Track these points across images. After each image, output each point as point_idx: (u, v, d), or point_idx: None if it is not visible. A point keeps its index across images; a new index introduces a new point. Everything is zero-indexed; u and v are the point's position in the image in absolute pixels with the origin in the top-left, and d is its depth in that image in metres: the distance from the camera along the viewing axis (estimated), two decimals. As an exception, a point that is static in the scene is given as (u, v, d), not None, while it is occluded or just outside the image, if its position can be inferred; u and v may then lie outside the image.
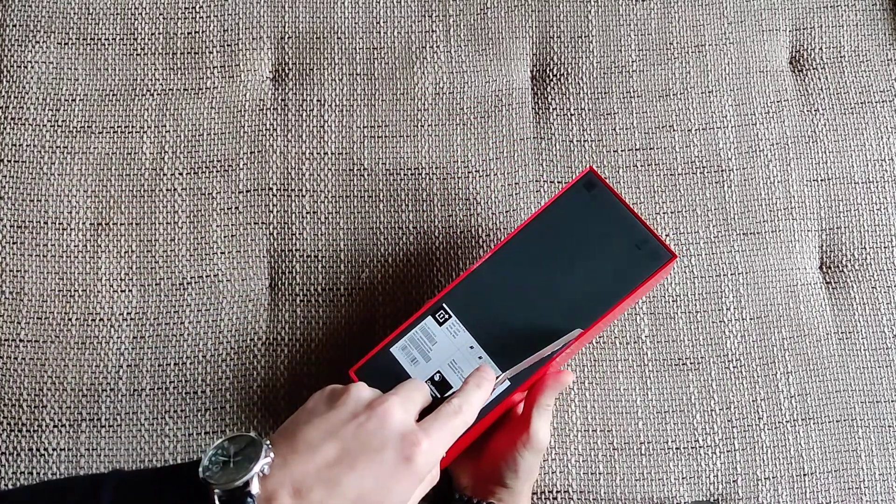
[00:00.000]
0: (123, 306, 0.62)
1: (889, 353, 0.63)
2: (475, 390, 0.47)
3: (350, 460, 0.40)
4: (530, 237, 0.55)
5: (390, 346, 0.54)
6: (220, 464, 0.39)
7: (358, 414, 0.42)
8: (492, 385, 0.48)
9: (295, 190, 0.65)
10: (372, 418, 0.41)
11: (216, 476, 0.38)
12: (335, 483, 0.39)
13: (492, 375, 0.49)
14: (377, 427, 0.41)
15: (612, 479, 0.60)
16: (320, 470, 0.39)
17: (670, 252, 0.53)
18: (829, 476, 0.61)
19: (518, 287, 0.54)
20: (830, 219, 0.66)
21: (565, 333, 0.52)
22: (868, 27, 0.71)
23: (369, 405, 0.42)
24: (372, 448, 0.40)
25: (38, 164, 0.65)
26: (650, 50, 0.69)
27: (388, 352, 0.53)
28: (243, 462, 0.39)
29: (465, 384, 0.47)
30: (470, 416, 0.45)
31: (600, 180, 0.55)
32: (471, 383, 0.47)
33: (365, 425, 0.41)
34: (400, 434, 0.41)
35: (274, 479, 0.39)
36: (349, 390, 0.43)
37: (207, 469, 0.39)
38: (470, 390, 0.46)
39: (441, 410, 0.44)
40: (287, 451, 0.40)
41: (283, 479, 0.39)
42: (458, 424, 0.44)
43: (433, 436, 0.42)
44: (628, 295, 0.53)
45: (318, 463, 0.39)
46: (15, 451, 0.59)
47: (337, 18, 0.69)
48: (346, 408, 0.42)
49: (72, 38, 0.68)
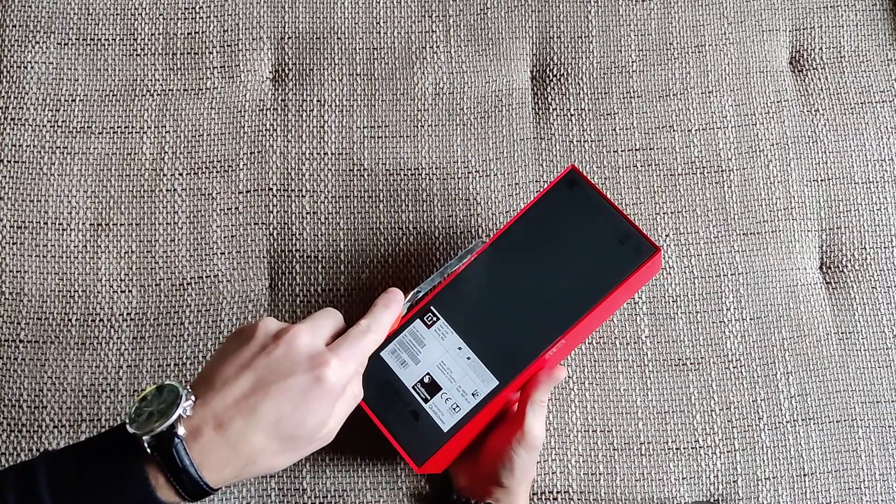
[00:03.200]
0: (123, 307, 0.62)
1: (889, 353, 0.63)
2: (383, 310, 0.50)
3: (264, 388, 0.42)
4: (515, 237, 0.56)
5: (380, 350, 0.54)
6: (146, 415, 0.41)
7: (267, 345, 0.44)
8: (400, 305, 0.51)
9: (295, 190, 0.65)
10: (280, 346, 0.44)
11: (143, 426, 0.40)
12: (253, 411, 0.42)
13: (400, 296, 0.51)
14: (285, 353, 0.44)
15: (612, 480, 0.60)
16: (238, 401, 0.42)
17: (654, 245, 0.53)
18: (829, 476, 0.61)
19: (504, 287, 0.54)
20: (830, 219, 0.66)
21: (554, 332, 0.52)
22: (868, 27, 0.71)
23: (276, 335, 0.45)
24: (282, 373, 0.43)
25: (38, 164, 0.65)
26: (650, 50, 0.69)
27: (378, 356, 0.54)
28: (165, 409, 0.41)
29: (374, 306, 0.50)
30: (380, 335, 0.49)
31: (582, 178, 0.56)
32: (379, 304, 0.50)
33: (273, 353, 0.44)
34: (308, 356, 0.44)
35: (196, 417, 0.41)
36: (257, 325, 0.46)
37: (133, 421, 0.41)
38: (378, 311, 0.50)
39: (350, 332, 0.47)
40: (205, 391, 0.42)
41: (205, 415, 0.41)
42: (368, 343, 0.47)
43: (342, 354, 0.45)
44: (614, 290, 0.53)
45: (235, 395, 0.42)
46: (15, 452, 0.59)
47: (337, 18, 0.69)
48: (256, 341, 0.44)
49: (72, 39, 0.68)
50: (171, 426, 0.40)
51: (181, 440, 0.40)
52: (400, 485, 0.59)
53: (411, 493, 0.59)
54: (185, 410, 0.41)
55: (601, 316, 0.56)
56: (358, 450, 0.59)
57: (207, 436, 0.41)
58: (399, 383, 0.53)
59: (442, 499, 0.58)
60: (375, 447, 0.58)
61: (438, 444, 0.51)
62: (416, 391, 0.53)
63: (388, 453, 0.58)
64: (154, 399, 0.42)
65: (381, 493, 0.59)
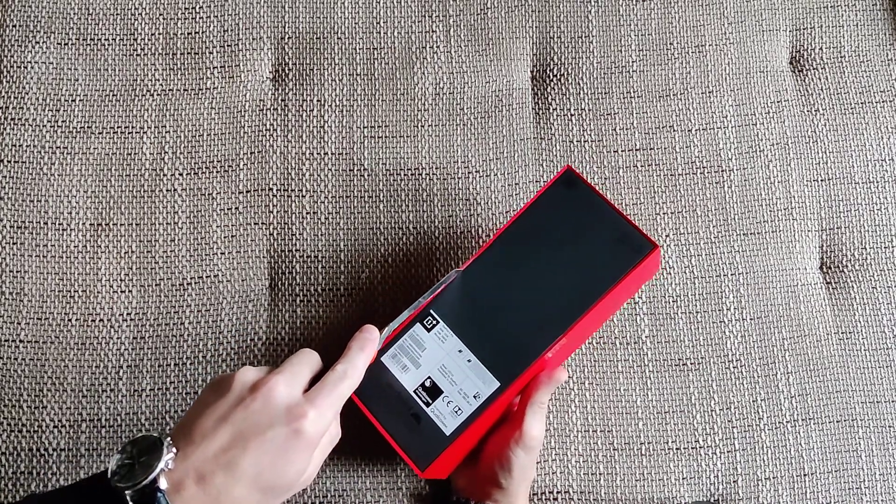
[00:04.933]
0: (123, 307, 0.62)
1: (889, 353, 0.63)
2: (359, 353, 0.49)
3: (243, 442, 0.42)
4: (513, 239, 0.56)
5: (380, 355, 0.54)
6: (127, 467, 0.41)
7: (244, 397, 0.44)
8: (375, 346, 0.51)
9: (295, 190, 0.65)
10: (257, 399, 0.44)
11: (125, 479, 0.41)
12: (233, 465, 0.42)
13: (375, 335, 0.51)
14: (262, 406, 0.43)
15: (612, 480, 0.60)
16: (217, 455, 0.42)
17: (652, 243, 0.53)
18: (829, 476, 0.61)
19: (504, 289, 0.54)
20: (830, 219, 0.66)
21: (554, 331, 0.52)
22: (868, 27, 0.71)
23: (253, 387, 0.44)
24: (260, 427, 0.43)
25: (38, 165, 0.65)
26: (650, 50, 0.69)
27: (379, 361, 0.54)
28: (148, 461, 0.41)
29: (349, 349, 0.49)
30: (356, 379, 0.48)
31: (578, 178, 0.56)
32: (354, 347, 0.49)
33: (250, 406, 0.43)
34: (285, 408, 0.44)
35: (178, 471, 0.41)
36: (234, 376, 0.45)
37: (115, 473, 0.41)
38: (354, 354, 0.49)
39: (326, 378, 0.47)
40: (185, 444, 0.42)
41: (186, 468, 0.41)
42: (345, 389, 0.47)
43: (320, 404, 0.45)
44: (613, 288, 0.53)
45: (215, 449, 0.42)
46: (15, 452, 0.59)
47: (337, 18, 0.69)
48: (233, 393, 0.44)
49: (72, 39, 0.68)
50: (153, 480, 0.40)
51: (163, 494, 0.40)
52: (400, 485, 0.59)
53: (411, 494, 0.59)
54: (167, 464, 0.41)
55: (601, 315, 0.56)
56: (358, 450, 0.59)
57: (190, 490, 0.41)
58: (400, 388, 0.53)
59: (442, 499, 0.58)
60: (375, 448, 0.58)
61: (441, 447, 0.51)
62: (417, 395, 0.53)
63: (388, 453, 0.58)
64: (134, 451, 0.42)
65: (381, 493, 0.59)
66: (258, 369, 0.46)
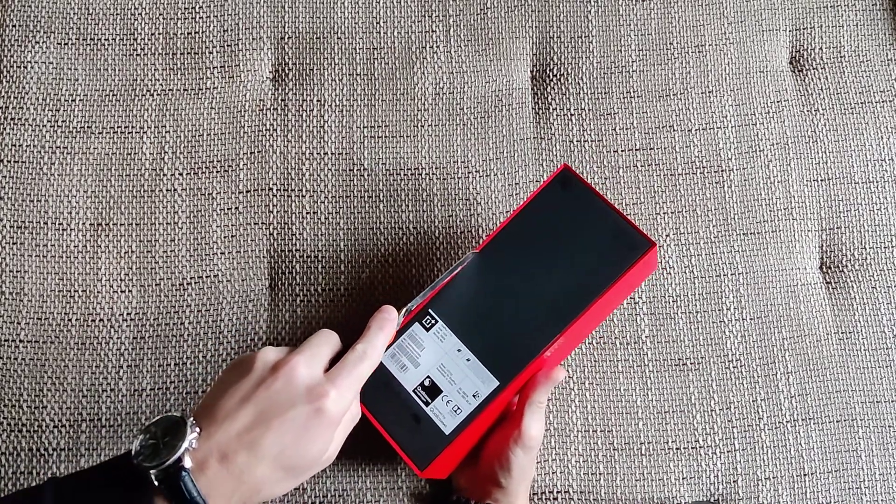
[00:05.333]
0: (123, 307, 0.62)
1: (889, 353, 0.63)
2: (378, 333, 0.49)
3: (265, 422, 0.43)
4: (510, 238, 0.56)
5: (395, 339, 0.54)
6: (151, 447, 0.42)
7: (265, 377, 0.44)
8: (394, 324, 0.51)
9: (295, 190, 0.65)
10: (279, 378, 0.44)
11: (150, 459, 0.41)
12: (256, 444, 0.42)
13: (393, 315, 0.51)
14: (284, 385, 0.44)
15: (612, 479, 0.60)
16: (241, 435, 0.42)
17: (649, 241, 0.53)
18: (829, 476, 0.61)
19: (502, 287, 0.54)
20: (830, 219, 0.66)
21: (553, 329, 0.52)
22: (868, 27, 0.71)
23: (274, 367, 0.45)
24: (282, 406, 0.43)
25: (38, 164, 0.65)
26: (650, 50, 0.69)
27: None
28: (172, 441, 0.41)
29: (368, 328, 0.50)
30: (376, 359, 0.49)
31: (575, 176, 0.56)
32: (373, 326, 0.50)
33: (272, 386, 0.44)
34: (306, 388, 0.44)
35: (202, 450, 0.42)
36: (256, 356, 0.46)
37: (139, 454, 0.41)
38: (373, 334, 0.49)
39: (346, 358, 0.47)
40: (209, 423, 0.43)
41: (210, 448, 0.42)
42: (365, 368, 0.47)
43: (340, 384, 0.45)
44: (611, 286, 0.53)
45: (238, 428, 0.43)
46: (15, 452, 0.59)
47: (337, 18, 0.69)
48: (255, 373, 0.45)
49: (72, 38, 0.68)
50: (178, 459, 0.41)
51: (188, 473, 0.41)
52: (400, 485, 0.59)
53: (411, 494, 0.59)
54: (191, 443, 0.42)
55: (600, 313, 0.56)
56: (358, 450, 0.59)
57: (213, 468, 0.41)
58: (399, 387, 0.53)
59: (441, 499, 0.58)
60: (375, 447, 0.58)
61: (441, 446, 0.51)
62: (416, 395, 0.53)
63: (388, 453, 0.58)
64: (158, 430, 0.42)
65: (381, 493, 0.59)
66: (279, 350, 0.47)
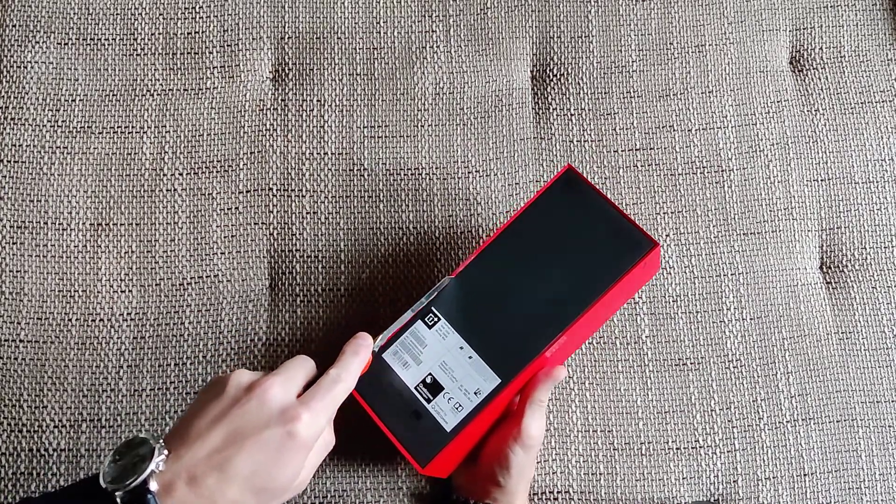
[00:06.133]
0: (123, 306, 0.62)
1: (889, 353, 0.63)
2: (353, 358, 0.49)
3: (237, 442, 0.42)
4: (514, 237, 0.56)
5: (382, 352, 0.54)
6: (119, 468, 0.41)
7: (239, 398, 0.44)
8: (369, 350, 0.51)
9: (295, 190, 0.65)
10: (252, 399, 0.44)
11: (117, 481, 0.40)
12: (226, 466, 0.42)
13: (369, 341, 0.51)
14: (257, 407, 0.43)
15: (612, 479, 0.60)
16: (210, 456, 0.42)
17: (652, 241, 0.53)
18: (829, 476, 0.61)
19: (504, 286, 0.54)
20: (830, 219, 0.66)
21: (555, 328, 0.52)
22: (868, 27, 0.71)
23: (249, 388, 0.44)
24: (255, 428, 0.43)
25: (38, 164, 0.65)
26: (650, 50, 0.69)
27: (381, 358, 0.54)
28: (139, 463, 0.41)
29: (343, 353, 0.49)
30: (350, 384, 0.48)
31: (579, 177, 0.56)
32: (347, 351, 0.49)
33: (245, 406, 0.43)
34: (280, 410, 0.44)
35: (169, 472, 0.41)
36: (229, 378, 0.45)
37: (108, 475, 0.41)
38: (347, 359, 0.49)
39: (321, 382, 0.46)
40: (179, 445, 0.42)
41: (178, 470, 0.41)
42: (339, 392, 0.47)
43: (314, 407, 0.44)
44: (614, 285, 0.53)
45: (208, 449, 0.42)
46: (15, 452, 0.59)
47: (337, 18, 0.69)
48: (228, 394, 0.44)
49: (72, 38, 0.68)
50: (143, 481, 0.40)
51: (153, 496, 0.40)
52: (400, 485, 0.59)
53: (411, 493, 0.59)
54: (158, 465, 0.41)
55: (602, 314, 0.56)
56: (358, 450, 0.59)
57: (181, 491, 0.41)
58: (401, 384, 0.53)
59: (441, 499, 0.58)
60: (375, 447, 0.58)
61: (442, 443, 0.51)
62: (418, 392, 0.53)
63: (389, 453, 0.58)
64: (127, 452, 0.42)
65: (381, 493, 0.59)
66: (253, 372, 0.46)
